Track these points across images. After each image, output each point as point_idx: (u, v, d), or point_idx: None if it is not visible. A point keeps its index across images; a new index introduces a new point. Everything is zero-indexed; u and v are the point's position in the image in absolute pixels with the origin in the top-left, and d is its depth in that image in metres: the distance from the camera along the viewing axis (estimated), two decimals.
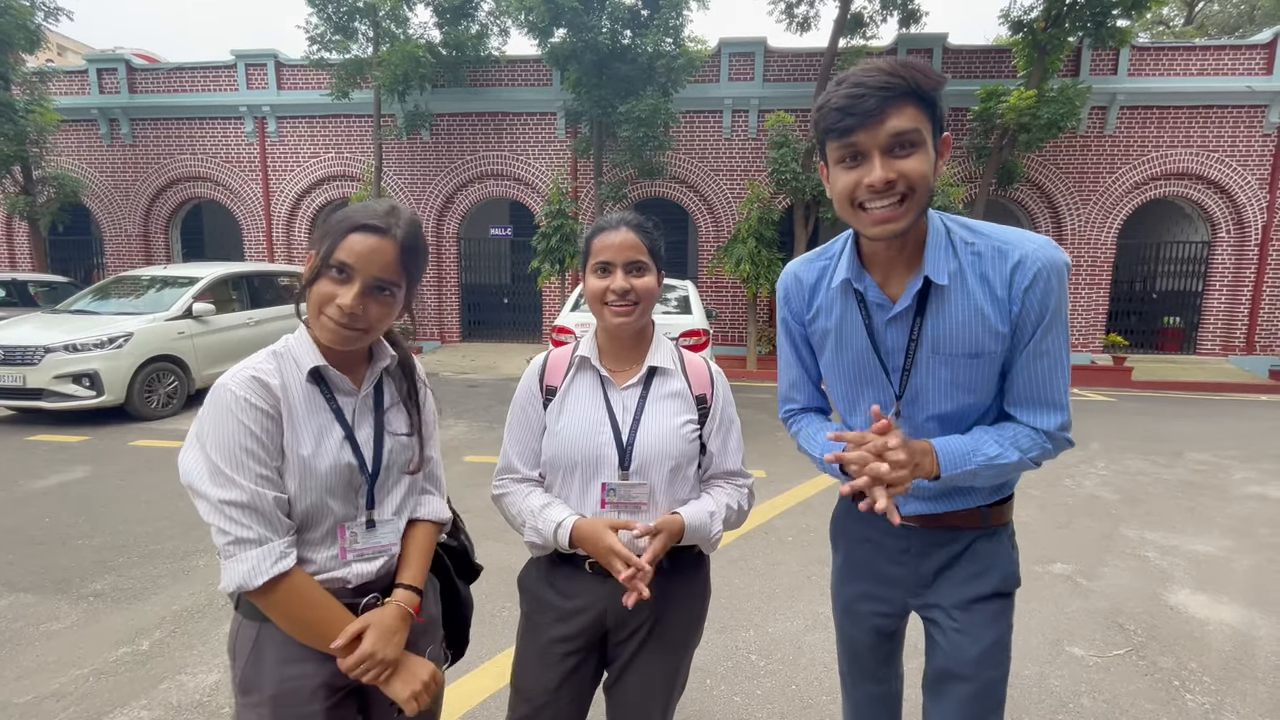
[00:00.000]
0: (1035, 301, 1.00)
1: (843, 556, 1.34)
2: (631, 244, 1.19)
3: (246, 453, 0.95)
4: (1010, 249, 1.01)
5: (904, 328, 1.08)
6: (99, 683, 2.26)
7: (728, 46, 11.32)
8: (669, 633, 1.27)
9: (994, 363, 1.05)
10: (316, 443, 1.01)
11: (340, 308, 0.98)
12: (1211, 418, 7.49)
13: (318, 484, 1.01)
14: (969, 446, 1.05)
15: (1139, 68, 10.92)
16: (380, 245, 0.99)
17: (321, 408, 1.04)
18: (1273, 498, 4.59)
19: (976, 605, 1.16)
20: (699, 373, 1.29)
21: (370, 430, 1.08)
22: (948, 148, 1.00)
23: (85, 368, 5.89)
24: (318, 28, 10.17)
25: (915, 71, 0.92)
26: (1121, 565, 3.41)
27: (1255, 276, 11.07)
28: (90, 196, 12.52)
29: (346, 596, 1.04)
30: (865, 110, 0.91)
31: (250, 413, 0.96)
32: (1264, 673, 2.46)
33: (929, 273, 1.02)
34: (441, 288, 12.57)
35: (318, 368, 1.03)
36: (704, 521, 1.21)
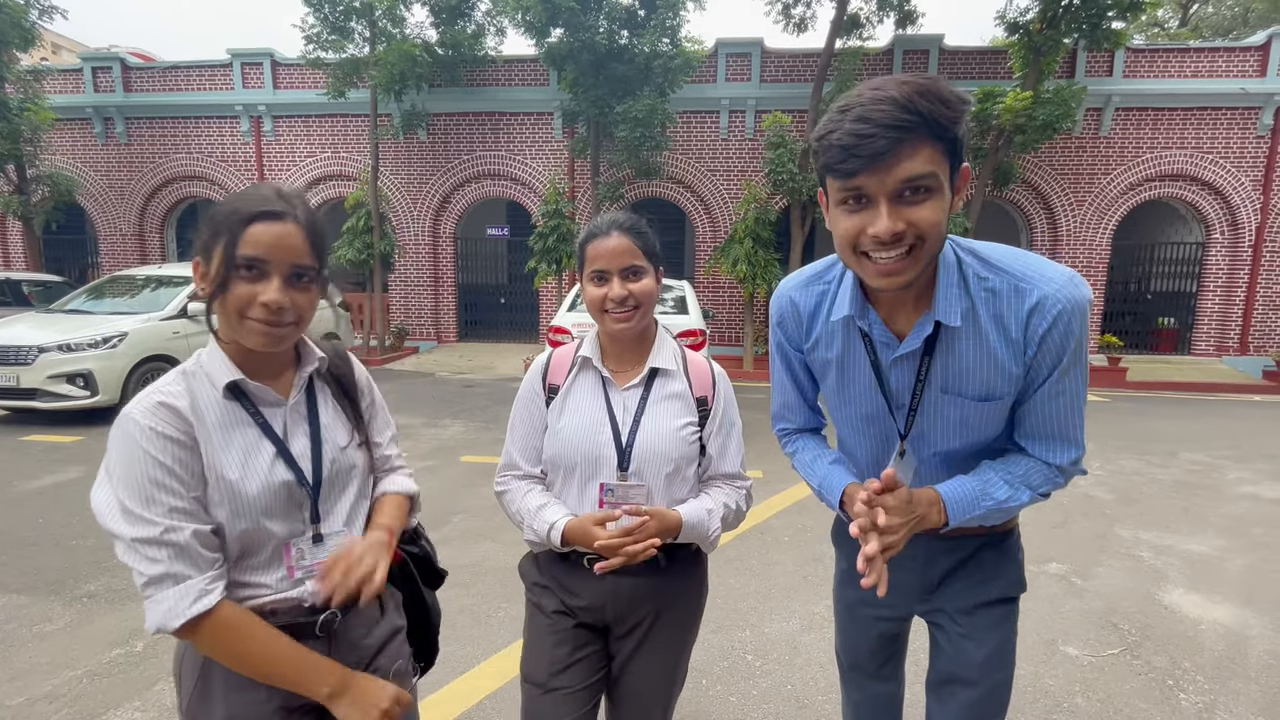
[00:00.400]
0: (1054, 345, 0.93)
1: (848, 561, 1.30)
2: (625, 249, 1.18)
3: (156, 485, 0.87)
4: (1029, 288, 0.92)
5: (911, 368, 1.02)
6: (92, 684, 2.24)
7: (725, 47, 11.33)
8: (667, 630, 1.28)
9: (1006, 404, 1.00)
10: (243, 463, 0.93)
11: (266, 305, 0.89)
12: (1205, 418, 7.52)
13: (250, 507, 0.93)
14: (977, 491, 1.00)
15: (1134, 69, 10.97)
16: (286, 230, 0.91)
17: (245, 425, 0.95)
18: (1266, 498, 4.62)
19: (982, 611, 1.15)
20: (701, 374, 1.28)
21: (306, 440, 1.01)
22: (965, 181, 0.88)
23: (79, 368, 5.86)
24: (314, 27, 10.15)
25: (933, 102, 0.79)
26: (1116, 565, 3.42)
27: (1249, 278, 11.14)
28: (85, 195, 12.46)
29: (302, 615, 0.98)
30: (873, 152, 0.79)
31: (158, 442, 0.87)
32: (1256, 672, 2.47)
33: (940, 316, 0.94)
34: (438, 288, 12.55)
35: (235, 382, 0.94)
36: (701, 518, 1.21)
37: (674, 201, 12.00)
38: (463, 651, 2.47)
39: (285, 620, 0.98)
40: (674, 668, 1.30)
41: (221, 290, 0.90)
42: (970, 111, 0.85)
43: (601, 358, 1.27)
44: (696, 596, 1.34)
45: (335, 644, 1.02)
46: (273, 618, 0.96)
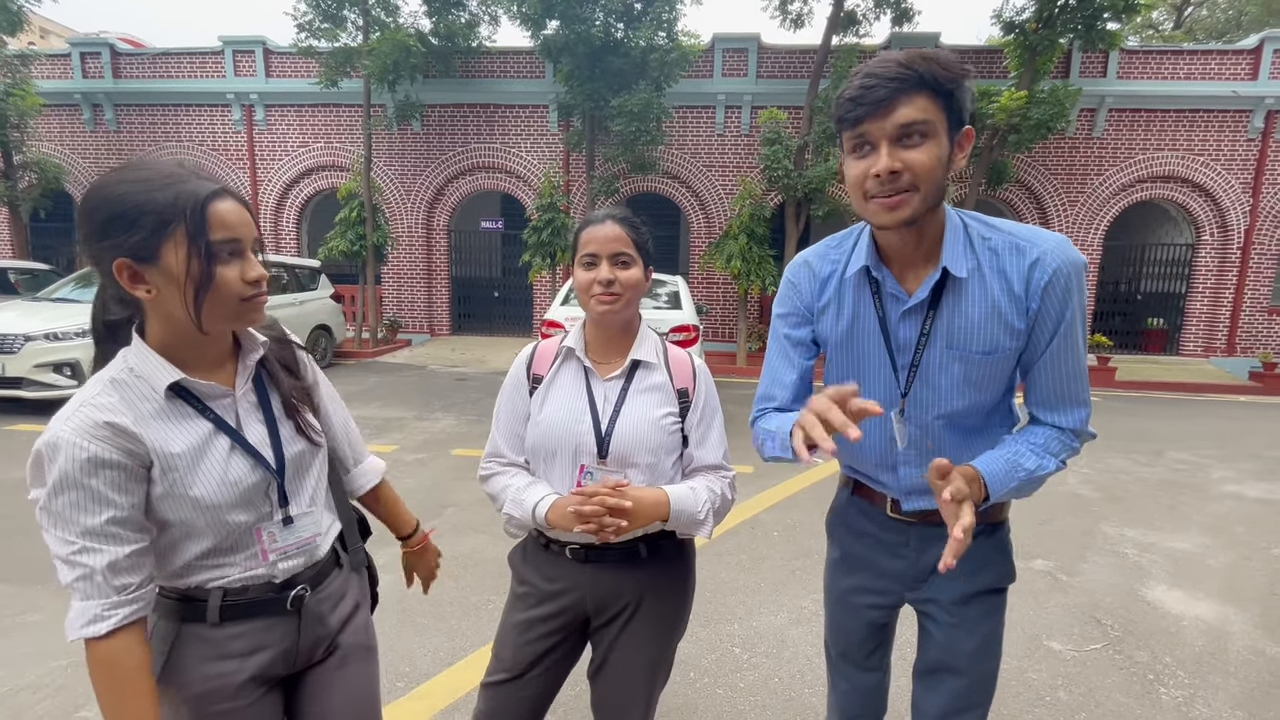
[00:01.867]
0: (1055, 300, 1.00)
1: (841, 550, 1.33)
2: (617, 237, 1.21)
3: (76, 507, 0.84)
4: (1028, 246, 1.01)
5: (916, 321, 1.06)
6: (77, 674, 2.23)
7: (721, 42, 11.30)
8: (651, 621, 1.27)
9: (1008, 360, 1.04)
10: (197, 462, 0.91)
11: (255, 281, 0.90)
12: (1192, 418, 7.61)
13: (212, 504, 0.92)
14: (1009, 463, 1.03)
15: (1128, 71, 11.03)
16: (238, 208, 0.90)
17: (194, 423, 0.92)
18: (1249, 497, 4.68)
19: (972, 601, 1.18)
20: (682, 367, 1.30)
21: (263, 428, 1.00)
22: (969, 140, 0.97)
23: (66, 356, 5.80)
24: (306, 15, 10.04)
25: (931, 63, 0.91)
26: (1100, 561, 3.46)
27: (1237, 280, 11.24)
28: (73, 183, 12.29)
29: (272, 591, 1.00)
30: (875, 100, 0.91)
31: (86, 466, 0.83)
32: (1235, 667, 2.51)
33: (947, 263, 1.01)
34: (431, 280, 12.49)
35: (177, 382, 0.90)
36: (686, 496, 1.20)
37: (669, 197, 11.98)
38: (451, 644, 2.48)
39: (255, 596, 0.99)
40: (655, 661, 1.29)
41: (209, 281, 0.86)
42: (969, 79, 0.94)
43: (586, 349, 1.30)
44: (680, 589, 1.33)
45: (304, 619, 1.04)
46: (244, 594, 0.98)
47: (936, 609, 1.20)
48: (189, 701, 0.96)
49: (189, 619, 0.97)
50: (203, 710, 0.96)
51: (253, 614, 0.99)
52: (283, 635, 1.02)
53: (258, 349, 1.01)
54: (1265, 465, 5.53)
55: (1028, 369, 1.07)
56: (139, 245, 0.84)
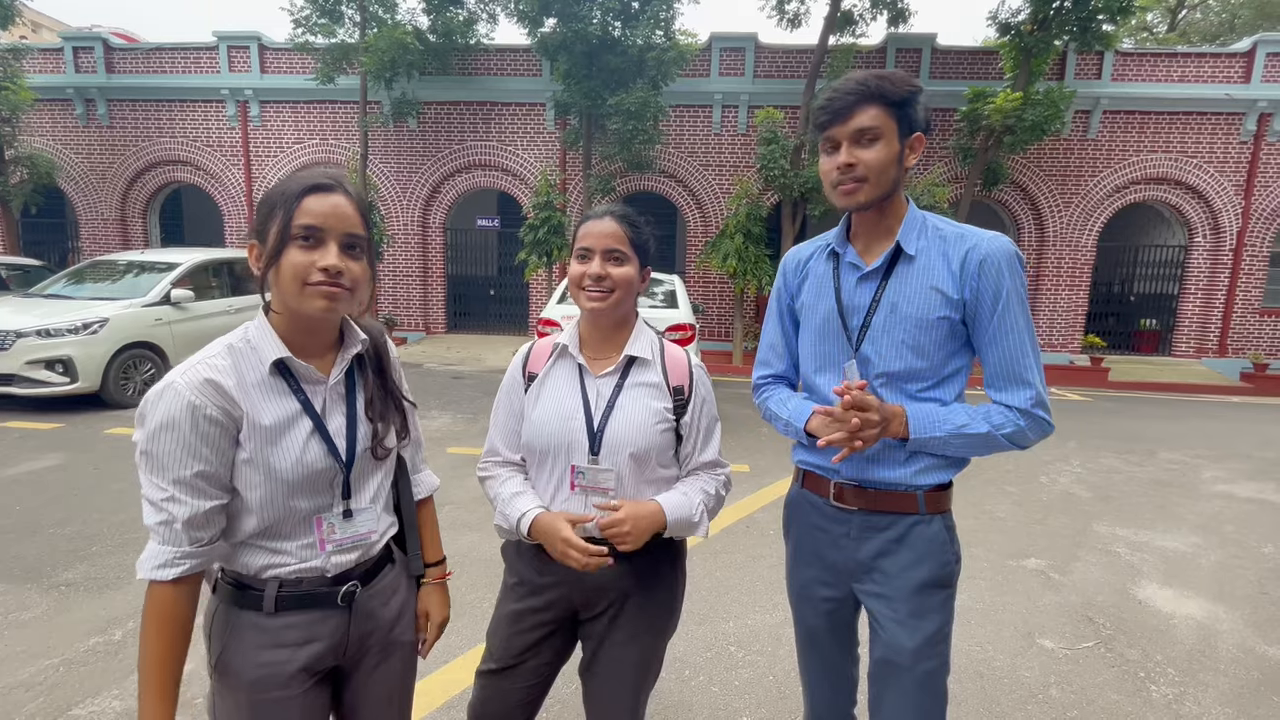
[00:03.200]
0: (990, 280, 1.15)
1: (794, 543, 1.40)
2: (612, 233, 1.22)
3: (172, 457, 0.91)
4: (968, 236, 1.20)
5: (870, 287, 1.23)
6: (69, 673, 2.22)
7: (719, 41, 11.30)
8: (639, 618, 1.28)
9: (940, 326, 1.18)
10: (280, 438, 0.97)
11: (325, 269, 0.94)
12: (1184, 418, 7.66)
13: (282, 480, 0.97)
14: (940, 415, 1.17)
15: (1122, 73, 11.08)
16: (338, 201, 0.96)
17: (287, 401, 0.99)
18: (1239, 496, 4.72)
19: (915, 596, 1.20)
20: (678, 365, 1.29)
21: (342, 420, 1.05)
22: (920, 144, 1.18)
23: (59, 353, 5.76)
24: (303, 10, 9.99)
25: (884, 80, 1.13)
26: (1093, 560, 3.48)
27: (1229, 281, 11.32)
28: (65, 178, 12.21)
29: (325, 585, 1.04)
30: (836, 110, 1.15)
31: (191, 417, 0.91)
32: (1225, 665, 2.53)
33: (900, 240, 1.21)
34: (427, 278, 12.46)
35: (282, 359, 0.98)
36: (681, 504, 1.23)
37: (666, 195, 11.97)
38: (445, 642, 2.47)
39: (309, 589, 1.03)
40: (645, 659, 1.29)
41: (276, 260, 0.93)
42: (919, 94, 1.15)
43: (580, 346, 1.30)
44: (669, 586, 1.32)
45: (354, 614, 1.08)
46: (298, 586, 1.02)
47: (881, 604, 1.23)
48: (243, 688, 1.00)
49: (246, 607, 1.01)
50: (256, 697, 1.00)
51: (306, 606, 1.03)
52: (334, 629, 1.05)
53: (356, 344, 1.07)
54: (1256, 465, 5.58)
55: (979, 351, 1.21)
56: (259, 227, 0.97)
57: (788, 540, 1.43)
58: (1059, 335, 11.75)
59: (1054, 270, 11.58)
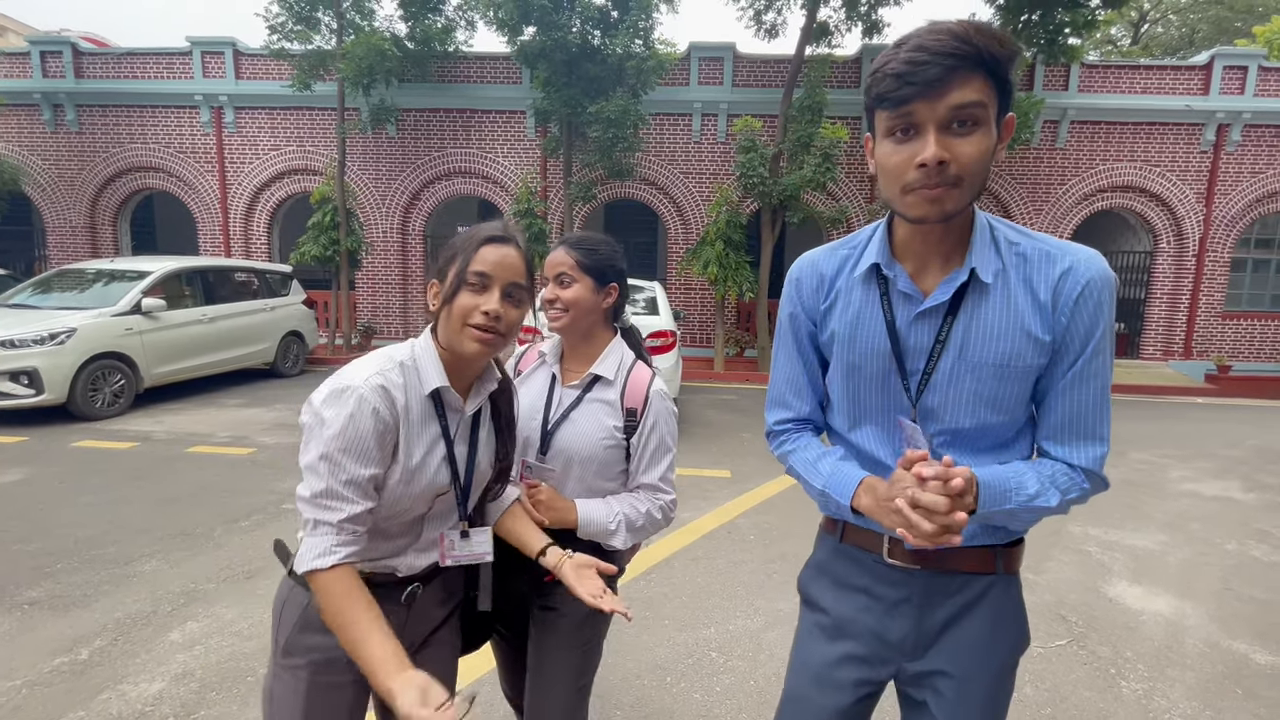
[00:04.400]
0: (1086, 315, 0.89)
1: (823, 612, 1.10)
2: (560, 260, 1.36)
3: (347, 454, 0.99)
4: (1059, 254, 0.92)
5: (932, 326, 0.94)
6: (32, 694, 2.15)
7: (698, 50, 11.42)
8: (560, 622, 1.36)
9: (1027, 377, 0.93)
10: (424, 456, 1.08)
11: (486, 313, 1.04)
12: (1152, 419, 7.87)
13: (415, 492, 1.08)
14: (1011, 482, 0.90)
15: (1089, 84, 11.42)
16: (508, 253, 1.08)
17: (433, 424, 1.10)
18: (1205, 495, 4.86)
19: (992, 675, 1.00)
20: (637, 389, 1.38)
21: (465, 448, 1.16)
22: (1010, 129, 0.88)
23: (24, 364, 5.60)
24: (279, 16, 9.89)
25: (989, 38, 0.80)
26: (1065, 560, 3.56)
27: (1193, 285, 11.69)
28: (32, 185, 11.90)
29: (393, 583, 1.13)
30: (926, 79, 0.79)
31: (369, 419, 1.00)
32: (1192, 660, 2.60)
33: (976, 265, 0.90)
34: (407, 286, 12.35)
35: (440, 389, 1.09)
36: (598, 513, 1.34)
37: (646, 203, 12.03)
38: None
39: (379, 581, 1.10)
40: (567, 667, 1.35)
41: (450, 300, 1.06)
42: (1018, 60, 0.86)
43: (562, 356, 1.45)
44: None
45: (411, 613, 1.16)
46: (369, 579, 1.06)
47: (944, 682, 1.00)
48: (304, 669, 1.07)
49: None
50: (315, 679, 1.08)
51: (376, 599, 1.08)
52: (394, 625, 1.08)
53: (493, 382, 1.19)
54: (1221, 464, 5.74)
55: (1044, 395, 0.95)
56: (441, 268, 1.11)
57: (809, 610, 1.13)
58: None
59: None
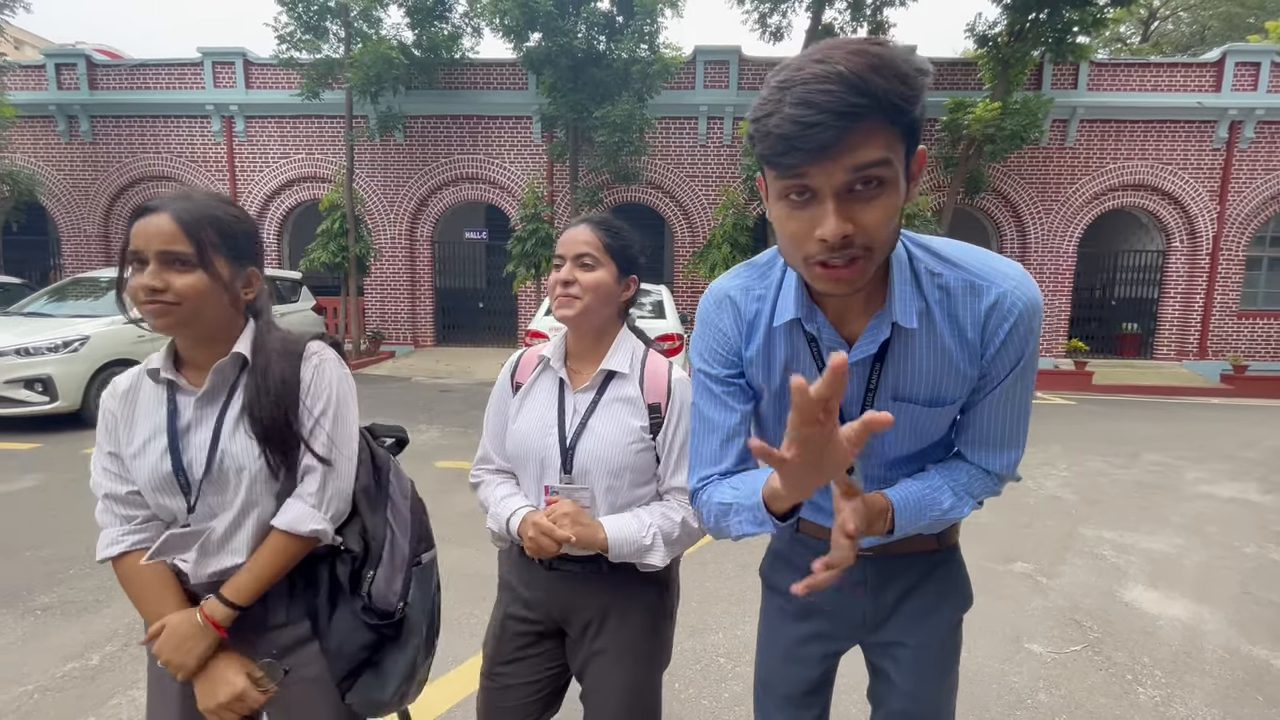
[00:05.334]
0: (1014, 347, 0.87)
1: (788, 597, 1.15)
2: (585, 239, 1.20)
3: (98, 447, 1.08)
4: (986, 285, 0.86)
5: (862, 375, 0.92)
6: (44, 699, 2.17)
7: (703, 54, 11.43)
8: (619, 638, 1.24)
9: (957, 408, 0.95)
10: (142, 444, 1.05)
11: (149, 289, 0.98)
12: (1166, 420, 7.76)
13: (143, 482, 1.05)
14: (926, 500, 0.93)
15: (1098, 82, 11.33)
16: (154, 220, 0.98)
17: (159, 410, 1.06)
18: (1221, 497, 4.78)
19: (940, 638, 1.09)
20: (656, 379, 1.23)
21: (208, 432, 1.03)
22: (922, 164, 0.79)
23: (38, 372, 5.67)
24: (288, 26, 10.00)
25: (890, 78, 0.67)
26: (1080, 563, 3.51)
27: (1207, 284, 11.54)
28: (47, 195, 12.08)
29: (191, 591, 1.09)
30: (818, 145, 0.68)
31: (102, 412, 1.08)
32: (1210, 665, 2.55)
33: (898, 317, 0.86)
34: (415, 291, 12.42)
35: (156, 369, 1.06)
36: (629, 533, 1.15)
37: (653, 207, 12.04)
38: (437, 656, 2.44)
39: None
40: (629, 682, 1.24)
41: (121, 288, 1.04)
42: (927, 89, 0.72)
43: (565, 359, 1.27)
44: (648, 611, 1.27)
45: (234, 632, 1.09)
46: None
47: (902, 651, 1.09)
48: (151, 664, 1.12)
49: None
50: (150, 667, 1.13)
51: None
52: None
53: (230, 356, 1.05)
54: (1237, 466, 5.65)
55: (966, 410, 0.95)
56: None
57: (773, 595, 1.20)
58: (1043, 340, 11.89)
59: (1037, 276, 11.74)
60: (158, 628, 1.02)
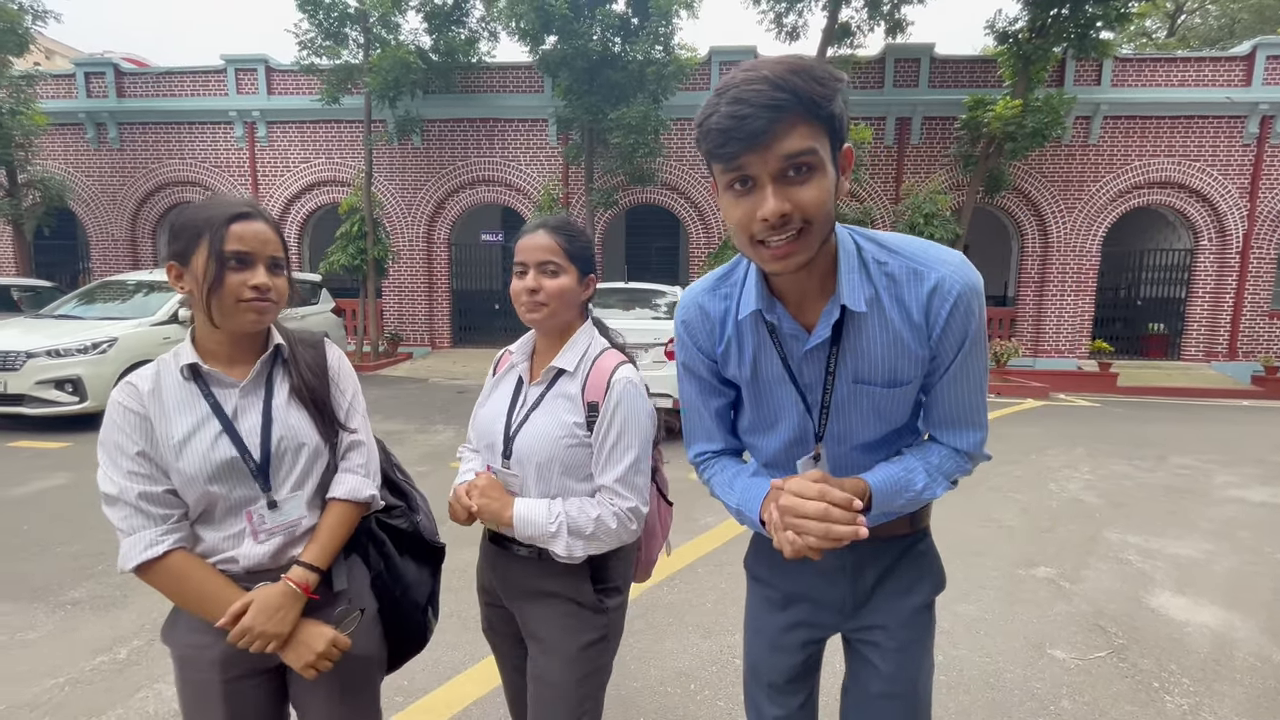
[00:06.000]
0: (957, 325, 0.94)
1: (770, 587, 1.22)
2: (545, 246, 1.23)
3: (118, 450, 1.05)
4: (926, 270, 0.94)
5: (820, 359, 1.00)
6: (74, 692, 2.22)
7: (718, 55, 11.42)
8: (540, 630, 1.29)
9: (914, 388, 1.01)
10: (188, 436, 1.07)
11: (255, 287, 1.05)
12: (1194, 423, 7.58)
13: (192, 474, 1.06)
14: (901, 482, 1.00)
15: (1122, 78, 11.11)
16: (259, 228, 1.08)
17: (198, 403, 1.09)
18: (1253, 501, 4.65)
19: (915, 619, 1.14)
20: (598, 379, 1.24)
21: (258, 418, 1.12)
22: (850, 161, 0.89)
23: (68, 373, 5.82)
24: (308, 33, 10.17)
25: (807, 79, 0.79)
26: (1104, 568, 3.44)
27: (1236, 284, 11.25)
28: (76, 200, 12.41)
29: (242, 580, 1.10)
30: (750, 132, 0.79)
31: (121, 414, 1.06)
32: (1241, 674, 2.48)
33: (846, 301, 0.93)
34: (432, 293, 12.55)
35: (193, 364, 1.09)
36: (536, 510, 1.21)
37: (668, 208, 12.04)
38: (449, 657, 2.46)
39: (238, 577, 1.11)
40: (559, 681, 1.24)
41: (217, 285, 1.04)
42: (842, 92, 0.83)
43: (532, 354, 1.36)
44: (568, 599, 1.27)
45: None
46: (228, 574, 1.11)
47: (881, 635, 1.13)
48: (176, 661, 1.13)
49: None
50: (184, 674, 1.12)
51: None
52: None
53: (270, 349, 1.15)
54: (1269, 470, 5.50)
55: (927, 390, 1.03)
56: (181, 250, 1.06)
57: (756, 585, 1.25)
58: (1066, 341, 11.68)
59: (1059, 276, 11.54)
60: (241, 606, 1.05)
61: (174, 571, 1.05)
